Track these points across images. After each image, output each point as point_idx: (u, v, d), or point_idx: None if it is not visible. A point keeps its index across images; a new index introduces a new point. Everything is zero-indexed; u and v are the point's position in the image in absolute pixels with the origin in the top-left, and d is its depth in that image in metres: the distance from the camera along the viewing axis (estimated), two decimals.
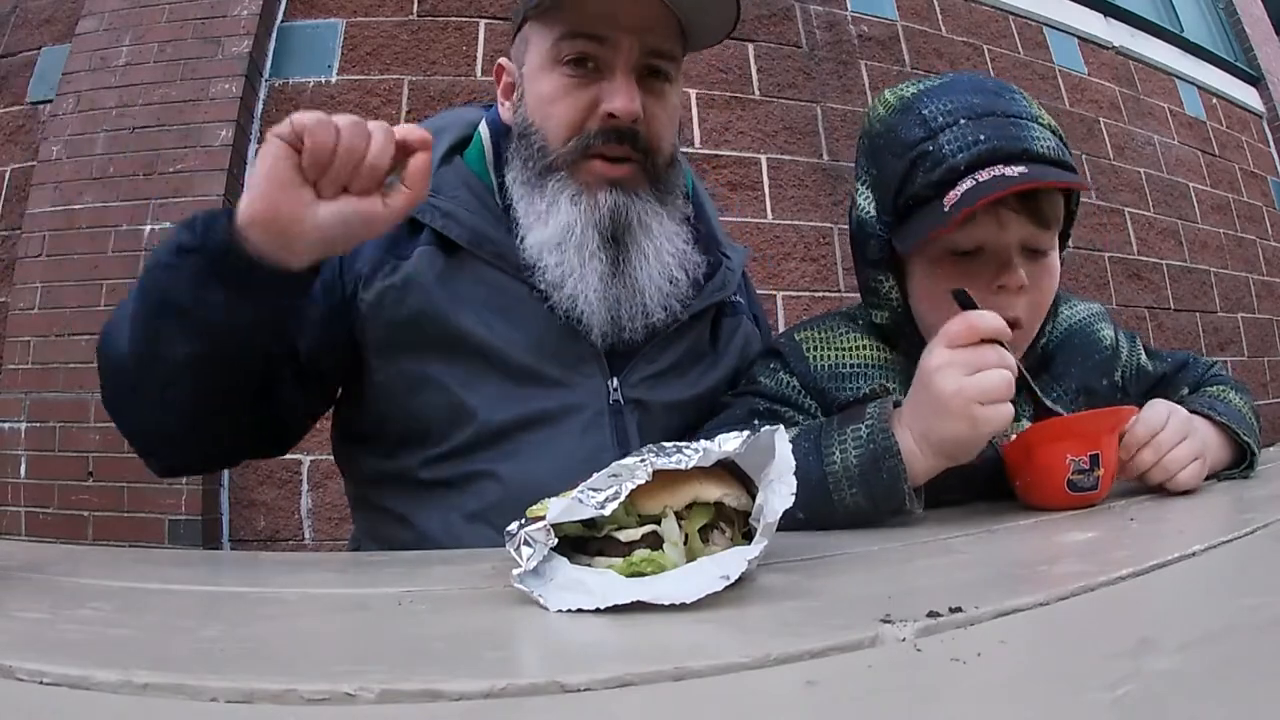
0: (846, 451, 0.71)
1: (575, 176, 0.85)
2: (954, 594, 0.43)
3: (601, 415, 0.85)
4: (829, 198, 2.50)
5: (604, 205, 0.84)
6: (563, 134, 0.85)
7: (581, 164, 0.85)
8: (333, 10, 2.42)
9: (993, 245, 0.78)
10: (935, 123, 0.79)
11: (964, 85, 0.82)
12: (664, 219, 0.88)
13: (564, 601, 0.45)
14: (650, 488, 0.49)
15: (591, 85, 0.84)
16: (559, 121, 0.85)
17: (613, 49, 0.83)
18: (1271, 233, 3.69)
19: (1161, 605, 0.46)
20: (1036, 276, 0.80)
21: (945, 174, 0.76)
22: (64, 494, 2.03)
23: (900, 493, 0.69)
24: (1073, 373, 0.90)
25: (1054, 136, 0.79)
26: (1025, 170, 0.74)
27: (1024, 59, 3.08)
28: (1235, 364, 3.22)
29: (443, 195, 0.87)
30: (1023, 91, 0.83)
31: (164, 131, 2.19)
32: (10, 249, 2.24)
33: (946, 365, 0.68)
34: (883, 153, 0.83)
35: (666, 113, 0.88)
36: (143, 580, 0.60)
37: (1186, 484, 0.78)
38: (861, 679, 0.34)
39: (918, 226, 0.78)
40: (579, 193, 0.84)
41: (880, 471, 0.69)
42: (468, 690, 0.33)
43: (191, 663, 0.37)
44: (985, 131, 0.76)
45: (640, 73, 0.85)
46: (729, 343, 0.96)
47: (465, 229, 0.85)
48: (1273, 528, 0.60)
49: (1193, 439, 0.78)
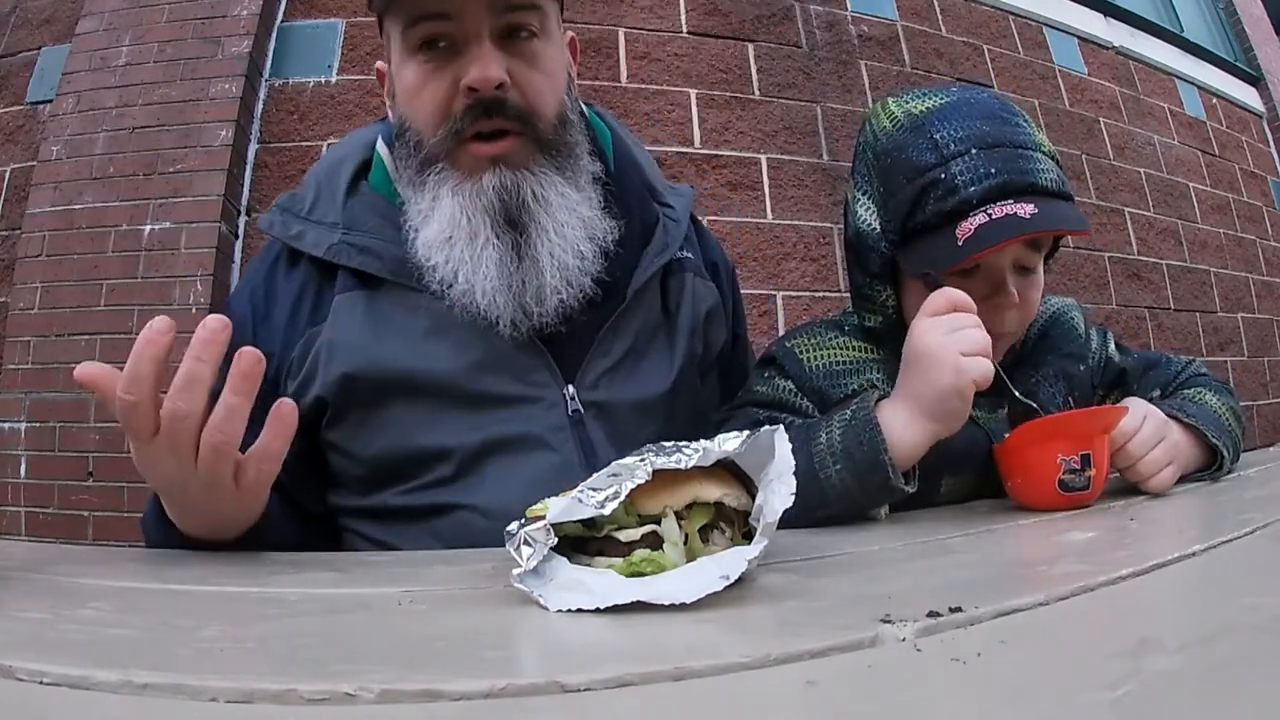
0: (831, 432, 0.75)
1: (455, 165, 0.80)
2: (954, 594, 0.43)
3: (563, 430, 0.81)
4: (829, 198, 2.50)
5: (490, 188, 0.79)
6: (432, 122, 0.80)
7: (458, 150, 0.80)
8: (333, 10, 2.42)
9: (988, 265, 0.82)
10: (947, 150, 0.81)
11: (973, 109, 0.84)
12: (562, 187, 0.82)
13: (564, 601, 0.45)
14: (650, 487, 0.49)
15: (450, 65, 0.79)
16: (426, 110, 0.80)
17: (460, 21, 0.78)
18: (1271, 233, 3.68)
19: (1161, 605, 0.46)
20: (1024, 289, 0.85)
21: (957, 205, 0.79)
22: (64, 494, 2.03)
23: (882, 465, 0.71)
24: (1050, 360, 0.94)
25: (1055, 165, 0.83)
26: (1036, 210, 0.77)
27: (1024, 59, 3.08)
28: (1235, 364, 3.21)
29: (355, 231, 0.84)
30: (1024, 114, 0.86)
31: (164, 131, 2.19)
32: (10, 249, 2.24)
33: (930, 328, 0.74)
34: (890, 172, 0.84)
35: (541, 70, 0.82)
36: (143, 580, 0.60)
37: (1160, 488, 0.80)
38: (861, 679, 0.34)
39: (929, 254, 0.81)
40: (461, 181, 0.80)
41: (861, 444, 0.72)
42: (468, 690, 0.33)
43: (191, 663, 0.37)
44: (996, 165, 0.79)
45: (501, 35, 0.79)
46: (679, 306, 0.92)
47: (386, 261, 0.82)
48: (1273, 528, 0.60)
49: (1167, 444, 0.81)
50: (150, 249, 2.11)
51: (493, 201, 0.79)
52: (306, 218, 0.87)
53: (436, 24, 0.79)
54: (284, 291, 0.86)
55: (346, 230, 0.84)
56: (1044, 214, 0.77)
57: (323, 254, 0.84)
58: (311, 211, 0.87)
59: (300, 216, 0.87)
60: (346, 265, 0.83)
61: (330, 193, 0.88)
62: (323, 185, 0.89)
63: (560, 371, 0.83)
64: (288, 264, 0.87)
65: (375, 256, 0.83)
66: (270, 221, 0.89)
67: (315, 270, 0.85)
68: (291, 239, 0.86)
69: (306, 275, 0.86)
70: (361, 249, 0.83)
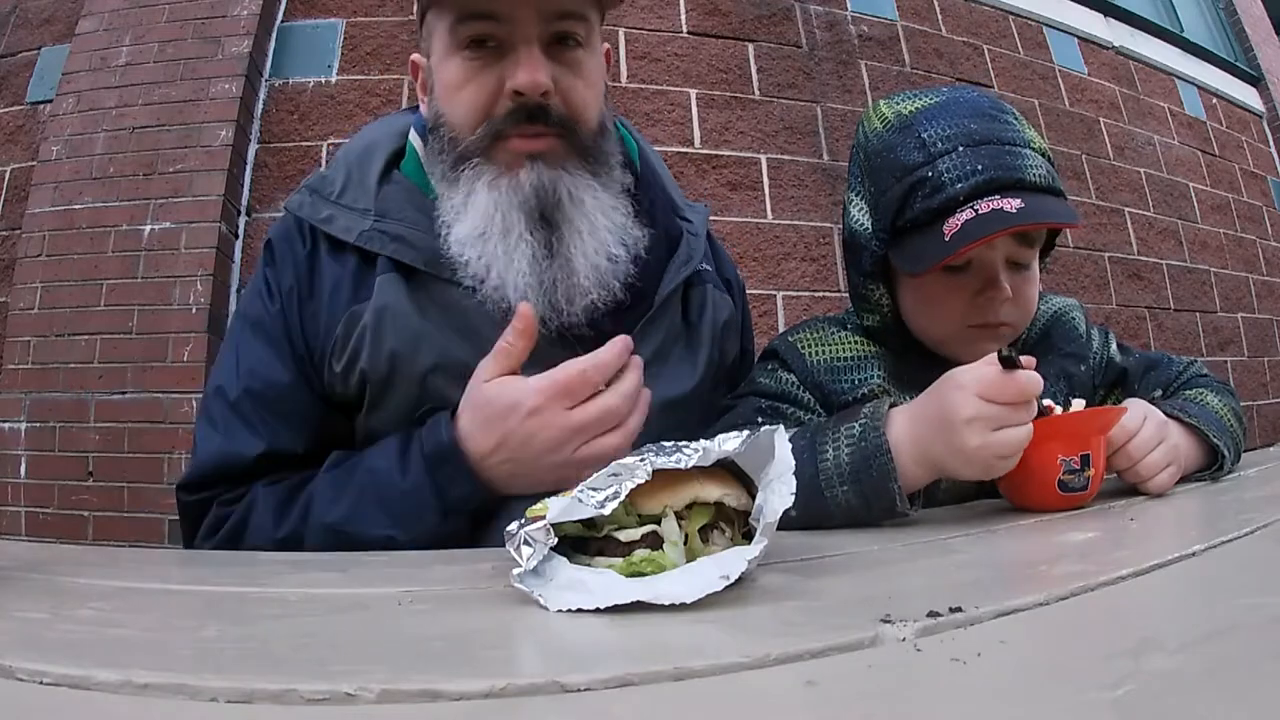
0: (839, 449, 0.73)
1: (491, 160, 0.80)
2: (954, 594, 0.43)
3: None
4: (829, 198, 2.50)
5: (526, 183, 0.79)
6: (471, 120, 0.80)
7: (496, 146, 0.80)
8: (333, 10, 2.42)
9: (979, 260, 0.83)
10: (934, 148, 0.81)
11: (961, 108, 0.84)
12: (598, 191, 0.82)
13: (564, 601, 0.45)
14: (650, 487, 0.49)
15: (495, 65, 0.79)
16: (466, 107, 0.80)
17: (510, 24, 0.77)
18: (1271, 233, 3.68)
19: (1161, 605, 0.46)
20: (1019, 285, 0.85)
21: (944, 202, 0.79)
22: (64, 494, 2.03)
23: (890, 492, 0.70)
24: (1051, 359, 0.93)
25: (1046, 162, 0.83)
26: (1022, 205, 0.77)
27: (1024, 59, 3.08)
28: (1235, 364, 3.21)
29: (389, 218, 0.83)
30: (1015, 112, 0.86)
31: (164, 131, 2.19)
32: (10, 249, 2.24)
33: (977, 419, 0.68)
34: (880, 172, 0.85)
35: (584, 80, 0.82)
36: (143, 580, 0.60)
37: (1160, 489, 0.79)
38: (861, 679, 0.34)
39: (918, 251, 0.82)
40: (498, 175, 0.79)
41: (870, 470, 0.70)
42: (468, 690, 0.33)
43: (191, 663, 0.37)
44: (983, 161, 0.79)
45: (547, 42, 0.79)
46: (701, 315, 0.93)
47: (420, 251, 0.81)
48: (1273, 528, 0.60)
49: (1166, 445, 0.80)
50: (150, 249, 2.11)
51: (529, 198, 0.79)
52: (336, 201, 0.85)
53: (487, 24, 0.78)
54: (328, 274, 0.84)
55: (379, 218, 0.82)
56: (1030, 209, 0.77)
57: (353, 240, 0.82)
58: (342, 195, 0.86)
59: (330, 200, 0.86)
60: (380, 253, 0.81)
61: (361, 178, 0.86)
62: (353, 170, 0.87)
63: None
64: (330, 249, 0.85)
65: (410, 246, 0.81)
66: (300, 202, 0.87)
67: (357, 257, 0.83)
68: (320, 222, 0.85)
69: (349, 261, 0.84)
70: (395, 237, 0.82)
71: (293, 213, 0.87)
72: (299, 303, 0.83)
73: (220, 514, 0.80)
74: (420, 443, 0.76)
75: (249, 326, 0.85)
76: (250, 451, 0.79)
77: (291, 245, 0.86)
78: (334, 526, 0.75)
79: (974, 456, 0.69)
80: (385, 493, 0.75)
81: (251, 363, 0.83)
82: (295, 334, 0.83)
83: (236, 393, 0.81)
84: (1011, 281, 0.83)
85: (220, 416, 0.82)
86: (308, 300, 0.83)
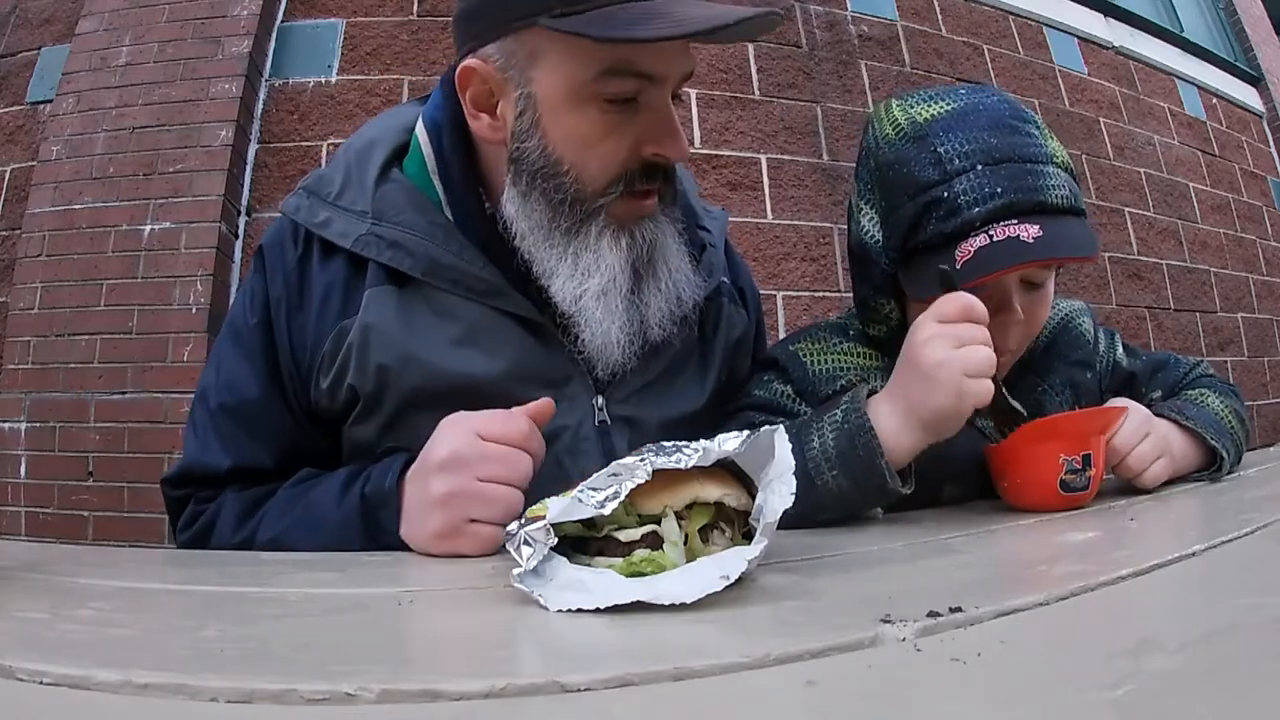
0: (824, 436, 0.73)
1: (613, 214, 0.78)
2: (954, 594, 0.43)
3: (588, 440, 0.81)
4: (829, 198, 2.50)
5: (640, 243, 0.79)
6: (606, 177, 0.77)
7: (619, 201, 0.78)
8: (333, 10, 2.42)
9: (994, 282, 0.78)
10: (951, 165, 0.77)
11: (980, 118, 0.80)
12: (675, 236, 0.83)
13: (564, 601, 0.45)
14: (650, 487, 0.49)
15: (632, 121, 0.76)
16: (602, 163, 0.76)
17: (660, 86, 0.75)
18: (1271, 233, 3.69)
19: (1161, 605, 0.46)
20: (1031, 306, 0.82)
21: (960, 226, 0.76)
22: (64, 494, 2.03)
23: (879, 469, 0.70)
24: (1058, 367, 0.92)
25: (1068, 178, 0.79)
26: (1040, 233, 0.74)
27: (1024, 59, 3.08)
28: (1235, 364, 3.22)
29: (386, 221, 0.79)
30: (1037, 120, 0.82)
31: (164, 131, 2.19)
32: (10, 249, 2.24)
33: (935, 337, 0.70)
34: (892, 186, 0.81)
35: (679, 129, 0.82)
36: (143, 580, 0.60)
37: (1152, 482, 0.80)
38: (861, 679, 0.34)
39: (928, 278, 0.77)
40: (618, 230, 0.78)
41: (856, 449, 0.70)
42: (468, 690, 0.33)
43: (191, 663, 0.37)
44: (1003, 184, 0.76)
45: None
46: (715, 332, 0.92)
47: (418, 259, 0.78)
48: (1273, 528, 0.60)
49: (1154, 437, 0.80)
50: (150, 249, 2.11)
51: (643, 254, 0.79)
52: (334, 203, 0.82)
53: (639, 82, 0.74)
54: (318, 283, 0.82)
55: (376, 220, 0.80)
56: (1048, 238, 0.74)
57: (349, 246, 0.80)
58: (340, 196, 0.82)
59: (328, 201, 0.83)
60: (376, 260, 0.79)
61: (359, 177, 0.83)
62: (353, 168, 0.84)
63: (592, 382, 0.82)
64: (322, 255, 0.83)
65: (407, 253, 0.79)
66: (296, 205, 0.84)
67: (347, 262, 0.81)
68: (317, 226, 0.82)
69: (339, 268, 0.82)
70: (391, 243, 0.79)
71: (288, 216, 0.85)
72: (288, 313, 0.82)
73: (195, 511, 0.82)
74: (365, 481, 0.75)
75: (232, 335, 0.85)
76: (221, 465, 0.81)
77: (283, 253, 0.84)
78: (272, 542, 0.76)
79: (940, 375, 0.68)
80: (318, 519, 0.75)
81: (229, 375, 0.83)
82: (282, 346, 0.81)
83: (214, 404, 0.82)
84: (1024, 301, 0.80)
85: (201, 424, 0.83)
86: (297, 311, 0.82)
